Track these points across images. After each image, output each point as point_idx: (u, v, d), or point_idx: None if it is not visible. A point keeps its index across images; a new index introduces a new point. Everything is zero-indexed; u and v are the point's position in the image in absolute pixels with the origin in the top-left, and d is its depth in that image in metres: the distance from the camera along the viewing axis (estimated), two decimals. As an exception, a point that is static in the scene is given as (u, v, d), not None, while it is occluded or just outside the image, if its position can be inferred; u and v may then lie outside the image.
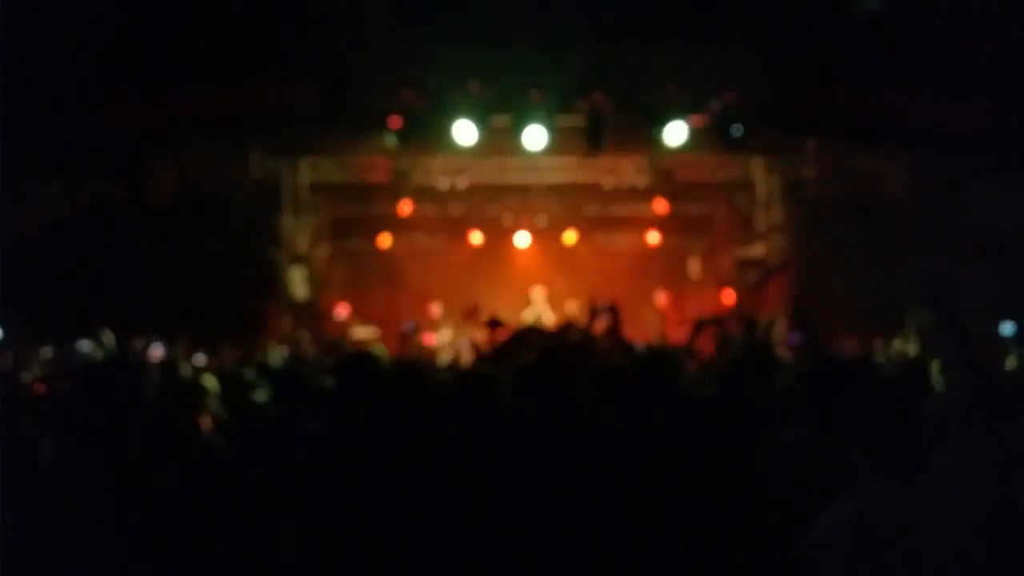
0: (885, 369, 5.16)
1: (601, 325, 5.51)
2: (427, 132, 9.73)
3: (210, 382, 5.57)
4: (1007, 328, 7.29)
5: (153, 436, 3.50)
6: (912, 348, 7.00)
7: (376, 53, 9.09)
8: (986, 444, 2.47)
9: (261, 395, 5.44)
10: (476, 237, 13.65)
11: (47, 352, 8.33)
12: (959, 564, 2.30)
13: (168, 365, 7.25)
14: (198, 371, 6.62)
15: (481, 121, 9.55)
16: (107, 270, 9.70)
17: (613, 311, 5.34)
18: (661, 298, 12.52)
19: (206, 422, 4.39)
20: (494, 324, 6.49)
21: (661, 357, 3.82)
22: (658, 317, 12.14)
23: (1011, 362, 5.65)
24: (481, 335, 7.63)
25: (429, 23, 8.67)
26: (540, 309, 11.71)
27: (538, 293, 12.03)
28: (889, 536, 2.30)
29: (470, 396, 3.71)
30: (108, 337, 8.09)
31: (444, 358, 9.85)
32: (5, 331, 8.97)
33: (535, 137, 9.66)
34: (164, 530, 3.08)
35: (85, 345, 8.37)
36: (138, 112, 9.29)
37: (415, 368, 5.06)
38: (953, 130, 10.02)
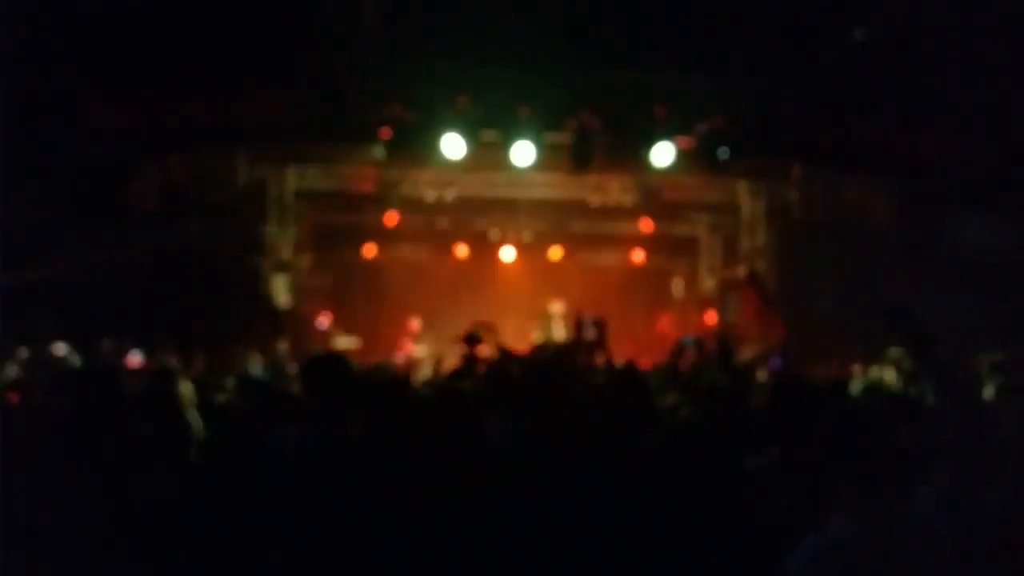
0: (863, 397, 5.18)
1: (587, 339, 5.52)
2: (416, 144, 9.74)
3: (186, 389, 5.54)
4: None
5: (132, 444, 3.47)
6: (889, 376, 7.04)
7: (367, 65, 9.12)
8: (970, 476, 2.47)
9: (239, 403, 5.42)
10: (462, 250, 13.65)
11: (23, 353, 8.24)
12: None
13: (147, 372, 7.20)
14: (176, 378, 6.56)
15: (470, 135, 9.58)
16: (88, 273, 9.62)
17: (599, 325, 5.36)
18: (663, 322, 12.52)
19: (184, 428, 4.37)
20: (472, 339, 6.43)
21: (632, 380, 3.81)
22: (656, 339, 12.15)
23: (989, 391, 5.69)
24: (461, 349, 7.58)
25: (421, 37, 8.71)
26: (556, 325, 11.51)
27: (556, 308, 11.81)
28: (864, 569, 2.30)
29: (448, 412, 3.70)
30: (107, 345, 8.02)
31: (424, 371, 9.82)
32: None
33: (523, 153, 9.70)
34: (143, 539, 3.05)
35: (61, 348, 8.28)
36: (125, 116, 9.25)
37: (394, 380, 5.06)
38: (937, 159, 10.14)
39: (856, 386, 6.95)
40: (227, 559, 3.09)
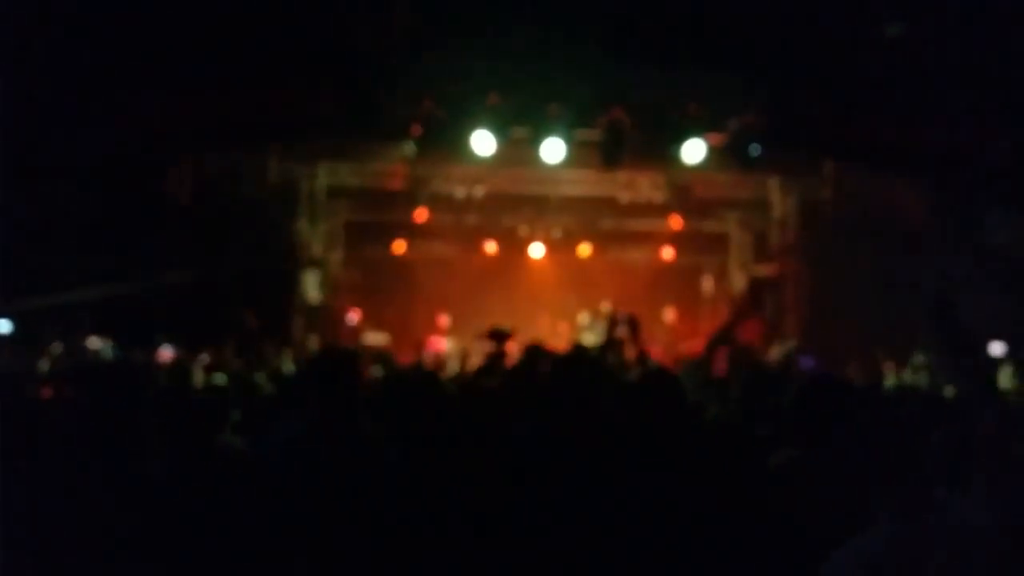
0: (895, 397, 5.14)
1: (620, 337, 5.52)
2: (446, 141, 9.77)
3: (220, 381, 5.62)
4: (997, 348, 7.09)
5: (164, 440, 3.51)
6: (924, 377, 6.96)
7: (398, 62, 9.15)
8: (1007, 476, 2.44)
9: (273, 398, 5.48)
10: (491, 247, 13.67)
11: (57, 348, 8.38)
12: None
13: (180, 367, 7.30)
14: (210, 372, 6.67)
15: (500, 132, 9.59)
16: (121, 269, 9.77)
17: (632, 323, 5.37)
18: (669, 314, 12.49)
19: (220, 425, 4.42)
20: (498, 335, 6.41)
21: (664, 379, 3.80)
22: (666, 332, 12.11)
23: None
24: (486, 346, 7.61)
25: (451, 34, 8.72)
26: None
27: (606, 308, 11.64)
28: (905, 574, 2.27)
29: (473, 410, 3.70)
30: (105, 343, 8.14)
31: (452, 367, 9.86)
32: (16, 325, 9.06)
33: (553, 150, 9.68)
34: (174, 534, 3.09)
35: (95, 342, 8.43)
36: (158, 114, 9.36)
37: (422, 376, 5.08)
38: (970, 155, 9.98)
39: (889, 385, 6.88)
40: (246, 553, 3.13)
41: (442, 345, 11.85)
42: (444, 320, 12.28)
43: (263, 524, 3.15)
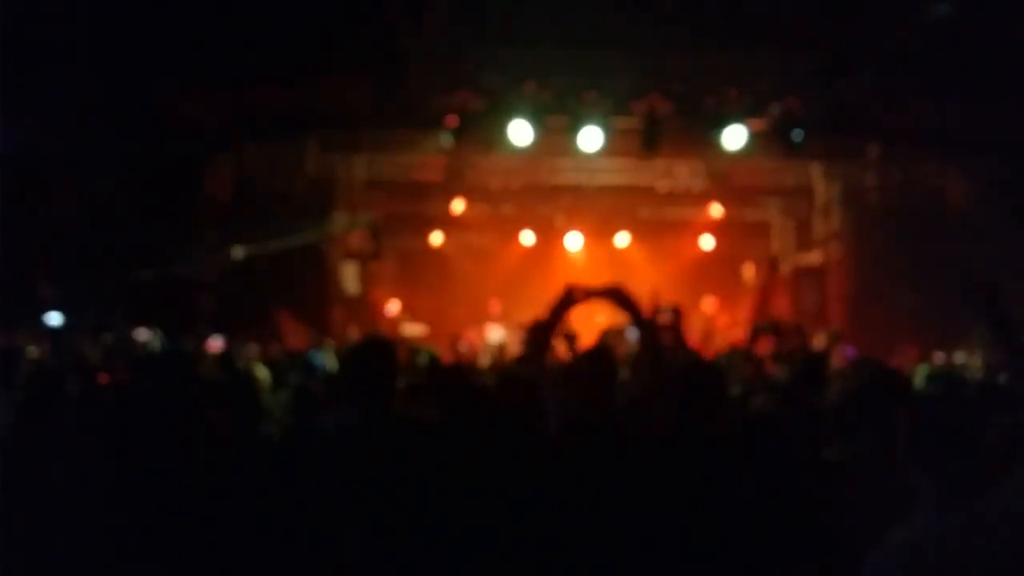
0: (943, 386, 5.01)
1: (663, 323, 5.47)
2: (483, 131, 9.74)
3: (261, 372, 5.68)
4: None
5: (211, 427, 3.57)
6: (973, 363, 6.79)
7: (434, 52, 9.14)
8: None
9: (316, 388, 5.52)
10: (528, 237, 13.63)
11: (107, 339, 8.57)
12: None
13: (225, 357, 7.40)
14: (251, 362, 6.74)
15: (537, 121, 9.53)
16: (165, 262, 9.90)
17: (676, 312, 5.32)
18: (709, 304, 12.36)
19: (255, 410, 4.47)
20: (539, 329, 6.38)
21: (704, 368, 3.74)
22: (706, 322, 11.99)
23: None
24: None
25: (487, 23, 8.68)
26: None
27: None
28: (949, 565, 2.21)
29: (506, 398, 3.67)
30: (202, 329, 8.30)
31: (487, 358, 9.82)
32: (66, 318, 9.27)
33: (591, 138, 9.60)
34: (218, 521, 3.14)
35: (143, 333, 8.59)
36: (197, 108, 9.46)
37: (457, 368, 5.08)
38: (1018, 138, 9.72)
39: (935, 374, 6.72)
40: (292, 538, 3.15)
41: (488, 332, 11.79)
42: (496, 305, 12.20)
43: (309, 511, 3.19)
